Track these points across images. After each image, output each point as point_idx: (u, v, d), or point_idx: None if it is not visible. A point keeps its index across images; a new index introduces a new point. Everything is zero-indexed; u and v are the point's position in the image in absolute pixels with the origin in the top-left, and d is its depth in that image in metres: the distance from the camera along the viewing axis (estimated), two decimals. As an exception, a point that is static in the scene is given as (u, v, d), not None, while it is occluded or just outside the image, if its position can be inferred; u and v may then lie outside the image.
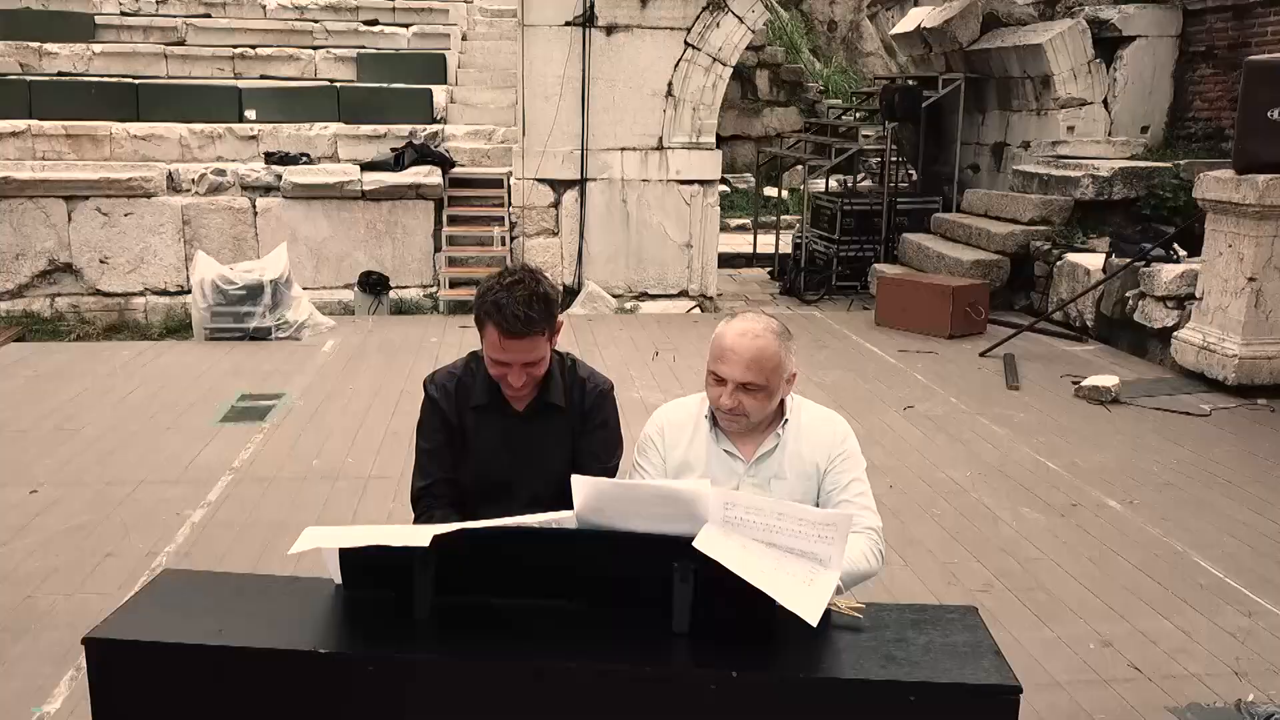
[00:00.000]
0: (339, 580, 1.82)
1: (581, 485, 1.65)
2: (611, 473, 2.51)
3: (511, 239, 9.60)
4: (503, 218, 9.60)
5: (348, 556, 1.75)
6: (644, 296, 9.97)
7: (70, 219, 8.88)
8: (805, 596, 1.60)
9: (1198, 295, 7.05)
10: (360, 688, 1.62)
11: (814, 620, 1.58)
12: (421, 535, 1.61)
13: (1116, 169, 9.19)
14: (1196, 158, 9.52)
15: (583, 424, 2.46)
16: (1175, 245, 7.86)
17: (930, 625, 1.76)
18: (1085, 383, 6.64)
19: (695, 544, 1.61)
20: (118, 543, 4.20)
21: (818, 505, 2.36)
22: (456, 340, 7.92)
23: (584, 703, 1.61)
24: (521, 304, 2.19)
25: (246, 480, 4.93)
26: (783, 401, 2.37)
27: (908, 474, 5.18)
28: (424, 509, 2.44)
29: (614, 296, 9.79)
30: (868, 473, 2.47)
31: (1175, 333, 7.18)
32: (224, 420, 5.83)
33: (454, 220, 9.52)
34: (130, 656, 1.64)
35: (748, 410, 2.26)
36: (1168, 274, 7.41)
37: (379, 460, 5.22)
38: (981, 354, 7.67)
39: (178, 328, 8.76)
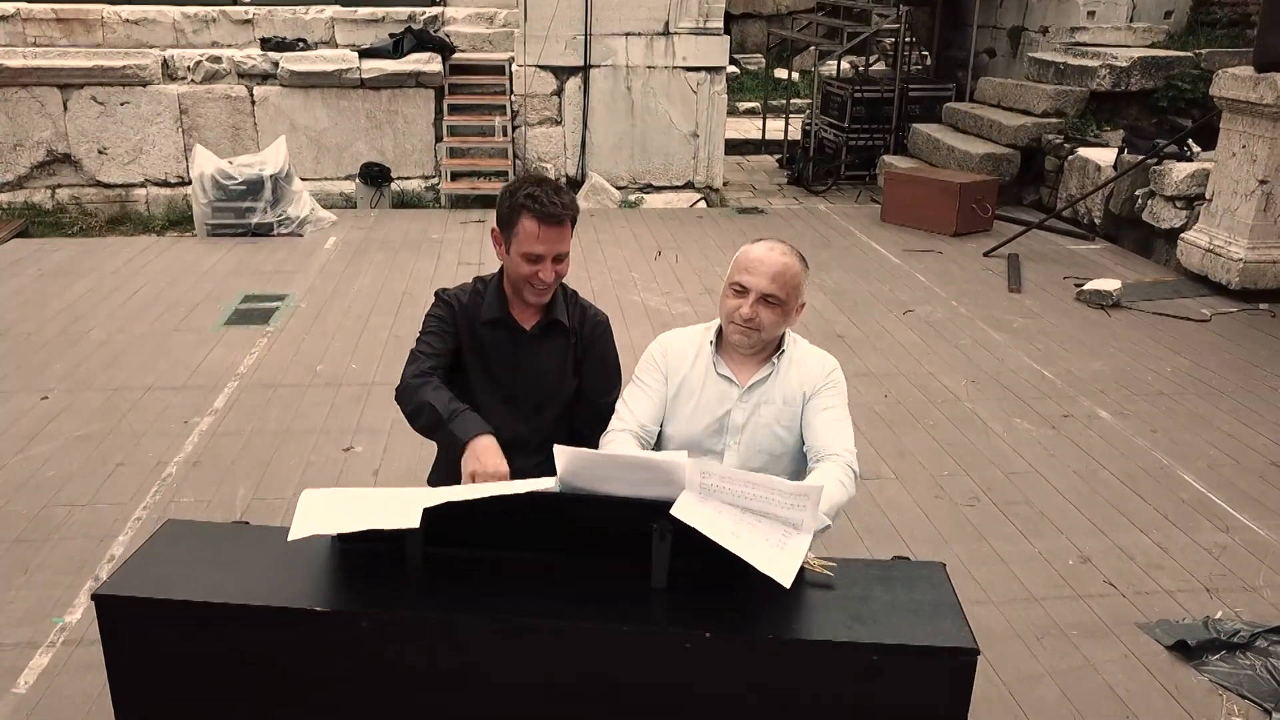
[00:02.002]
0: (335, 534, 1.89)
1: (564, 454, 1.72)
2: (610, 408, 2.59)
3: (513, 128, 9.45)
4: (504, 106, 9.41)
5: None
6: (648, 188, 9.87)
7: (66, 108, 8.76)
8: (778, 559, 1.68)
9: (1207, 196, 6.96)
10: (354, 640, 1.72)
11: (787, 582, 1.66)
12: (412, 510, 1.68)
13: (1135, 58, 8.93)
14: (1219, 46, 9.24)
15: (585, 354, 2.57)
16: (1190, 141, 7.71)
17: (897, 582, 1.84)
18: (1087, 287, 6.63)
19: (673, 511, 1.68)
20: (128, 451, 4.32)
21: (800, 428, 2.44)
22: (458, 236, 7.90)
23: (565, 656, 1.71)
24: (554, 192, 2.37)
25: (252, 387, 5.01)
26: (782, 336, 2.46)
27: (903, 382, 5.24)
28: (421, 372, 2.45)
29: (618, 188, 9.69)
30: (865, 380, 2.51)
31: (1182, 234, 7.12)
32: (228, 323, 5.89)
33: (455, 109, 9.34)
34: (137, 611, 1.73)
35: (763, 323, 2.33)
36: (1178, 173, 7.29)
37: (381, 366, 5.29)
38: (986, 254, 7.63)
39: (180, 220, 8.74)
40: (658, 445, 2.48)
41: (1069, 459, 4.45)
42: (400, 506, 1.73)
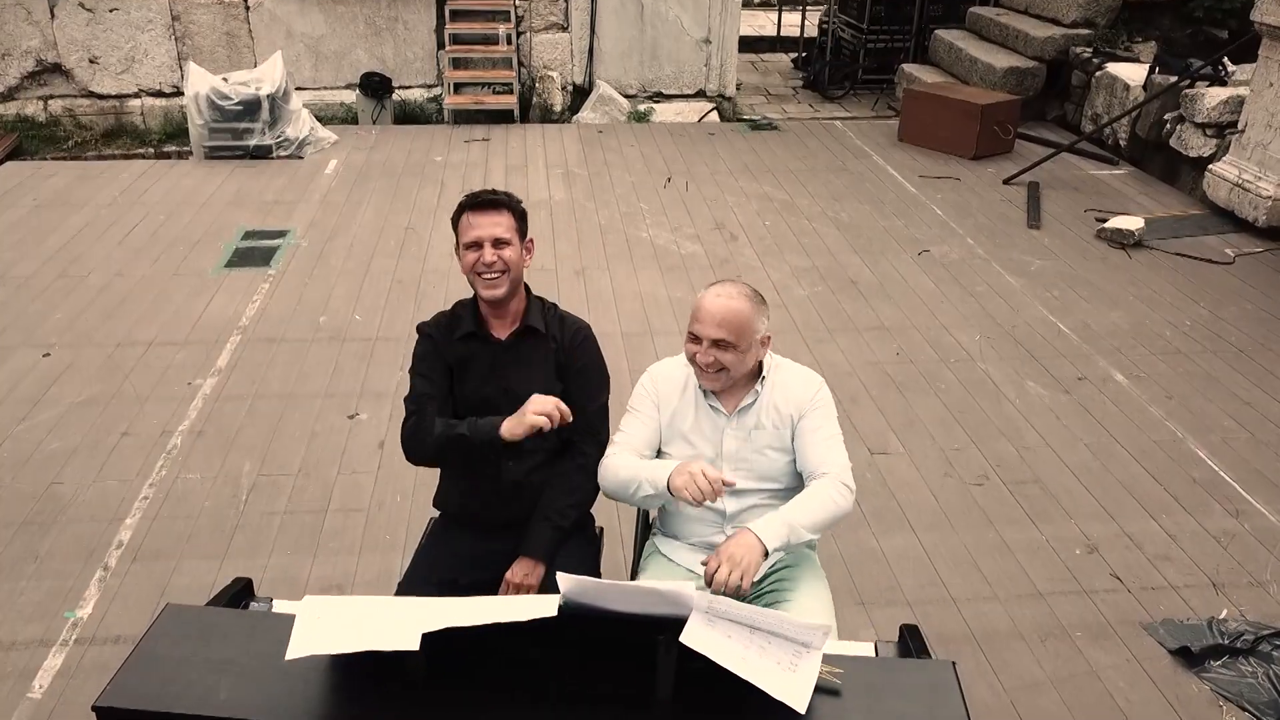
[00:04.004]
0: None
1: (567, 580, 1.67)
2: (598, 415, 2.60)
3: (518, 35, 9.07)
4: (508, 11, 9.01)
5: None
6: (659, 97, 9.55)
7: (53, 15, 8.42)
8: (791, 683, 1.65)
9: (1240, 127, 6.69)
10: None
11: (801, 708, 1.64)
12: (411, 630, 1.65)
13: (1173, -36, 8.46)
14: (1263, -50, 8.71)
15: (569, 362, 2.57)
16: (1225, 60, 7.37)
17: (905, 689, 1.82)
18: (1108, 224, 6.44)
19: (683, 639, 1.65)
20: (132, 419, 4.29)
21: (792, 448, 2.45)
22: (461, 159, 7.68)
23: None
24: (492, 191, 2.52)
25: (254, 341, 4.95)
26: (761, 363, 2.48)
27: (915, 337, 5.15)
28: (412, 419, 2.58)
29: (626, 97, 9.37)
30: (877, 334, 2.62)
31: (1210, 165, 6.88)
32: (229, 265, 5.78)
33: (456, 15, 8.95)
34: (137, 722, 1.72)
35: (724, 364, 2.37)
36: (1210, 99, 6.99)
37: (385, 318, 5.21)
38: (1005, 181, 7.40)
39: (177, 133, 8.53)
40: None
41: (1081, 430, 4.40)
42: (400, 623, 1.69)
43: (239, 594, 2.22)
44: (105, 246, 5.99)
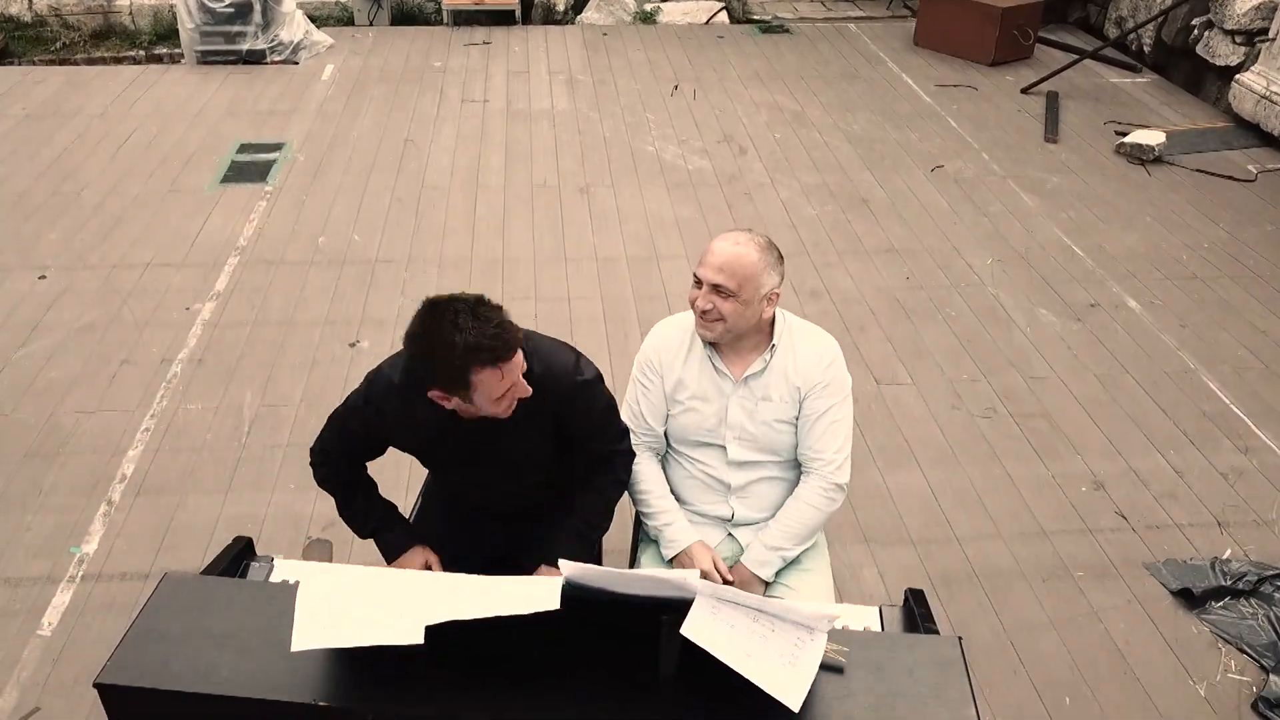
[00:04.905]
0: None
1: (570, 566, 1.64)
2: (612, 453, 2.33)
3: (520, -71, 8.67)
4: (509, -97, 8.59)
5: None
6: (666, -5, 9.18)
7: (32, -93, 8.05)
8: (789, 679, 1.63)
9: (1271, 34, 6.42)
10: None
11: (795, 706, 1.62)
12: (415, 621, 1.63)
13: None
14: None
15: (567, 418, 2.22)
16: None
17: (913, 664, 1.80)
18: (1128, 139, 6.24)
19: (684, 631, 1.63)
20: (132, 347, 4.24)
21: (795, 425, 2.37)
22: (461, 64, 7.43)
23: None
24: (491, 325, 1.92)
25: (253, 264, 4.86)
26: (773, 326, 2.34)
27: (927, 261, 5.04)
28: (324, 469, 2.44)
29: (633, -4, 9.01)
30: (888, 257, 2.85)
31: (1238, 75, 6.63)
32: (225, 180, 5.64)
33: (455, -92, 8.54)
34: (140, 700, 1.72)
35: (722, 314, 2.23)
36: (1242, 4, 6.69)
37: (385, 239, 5.10)
38: (1024, 90, 7.15)
39: (167, 34, 8.26)
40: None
41: (1092, 360, 4.34)
42: (403, 615, 1.67)
43: (239, 555, 2.21)
44: (98, 161, 5.84)
